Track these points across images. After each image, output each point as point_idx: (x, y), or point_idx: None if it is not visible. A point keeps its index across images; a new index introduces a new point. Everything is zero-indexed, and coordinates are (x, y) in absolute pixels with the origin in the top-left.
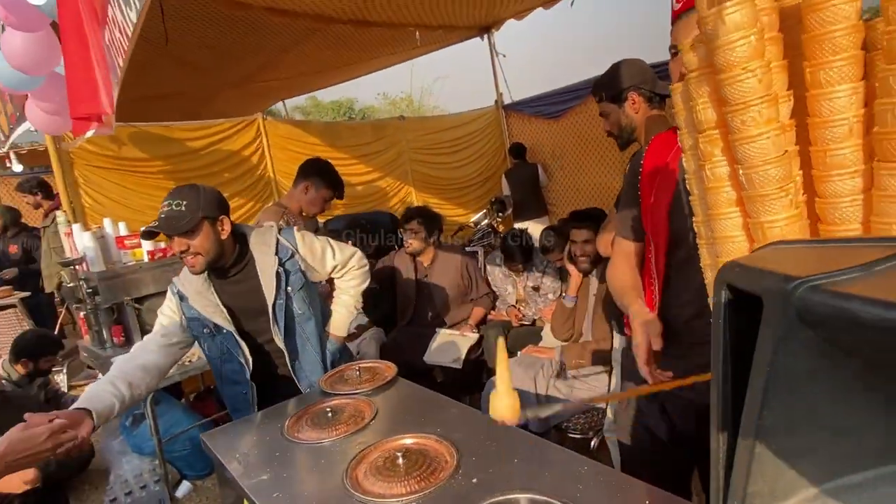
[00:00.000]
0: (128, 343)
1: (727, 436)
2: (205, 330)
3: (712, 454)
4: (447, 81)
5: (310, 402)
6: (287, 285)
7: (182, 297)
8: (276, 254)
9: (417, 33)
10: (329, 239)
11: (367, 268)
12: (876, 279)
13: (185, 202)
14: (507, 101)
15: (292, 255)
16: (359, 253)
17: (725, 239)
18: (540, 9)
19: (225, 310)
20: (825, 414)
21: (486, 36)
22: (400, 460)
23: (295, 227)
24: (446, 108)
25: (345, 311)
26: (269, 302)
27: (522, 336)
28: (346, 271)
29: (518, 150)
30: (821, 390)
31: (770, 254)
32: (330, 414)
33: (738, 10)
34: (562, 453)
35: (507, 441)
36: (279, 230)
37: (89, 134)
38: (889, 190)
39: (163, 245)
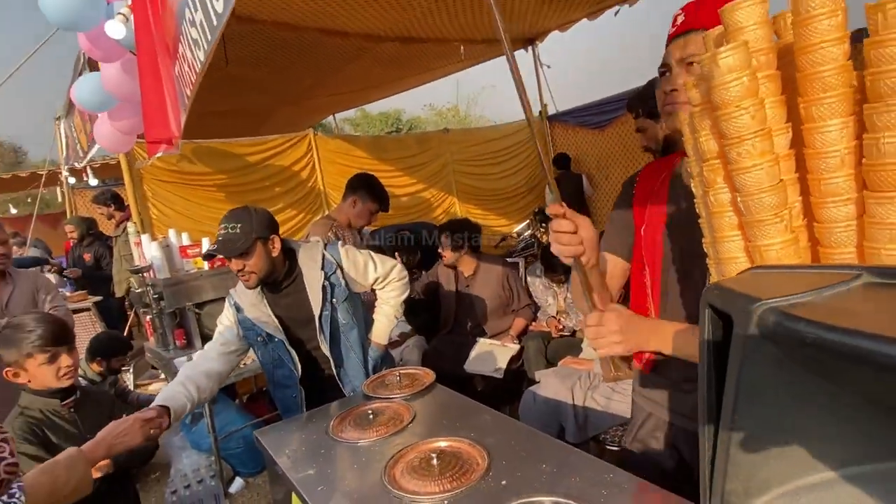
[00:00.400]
0: (189, 346)
1: (711, 440)
2: (258, 338)
3: (700, 457)
4: (494, 91)
5: (353, 404)
6: (332, 297)
7: (238, 309)
8: (322, 268)
9: (462, 48)
10: (371, 252)
11: (407, 280)
12: (823, 302)
13: (239, 225)
14: (551, 111)
15: (336, 269)
16: (399, 265)
17: (729, 260)
18: (585, 20)
19: (276, 320)
20: (790, 420)
21: (529, 48)
22: (434, 461)
23: (339, 243)
24: (492, 118)
25: (385, 320)
26: (316, 313)
27: (562, 347)
28: (387, 283)
29: (562, 161)
30: (784, 398)
31: (748, 277)
32: (371, 416)
33: (731, 55)
34: (589, 461)
35: (537, 448)
36: (325, 245)
37: (158, 154)
38: (877, 217)
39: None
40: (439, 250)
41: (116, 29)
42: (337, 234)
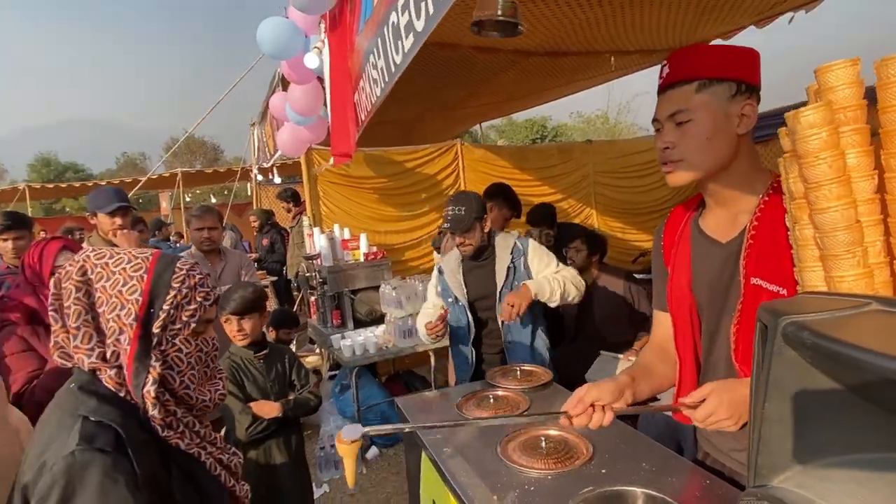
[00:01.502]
0: (343, 325)
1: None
2: (448, 299)
3: (749, 439)
4: (648, 97)
5: (478, 388)
6: (514, 278)
7: (441, 272)
8: (511, 253)
9: (612, 59)
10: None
11: (582, 286)
12: (833, 320)
13: (463, 208)
14: None
15: (521, 257)
16: (575, 271)
17: (812, 288)
18: (752, 27)
19: (464, 287)
20: (806, 410)
21: None
22: (543, 444)
23: (530, 238)
24: (645, 127)
25: (546, 281)
26: (498, 287)
27: None
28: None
29: None
30: (803, 394)
31: (798, 298)
32: (492, 400)
33: (811, 113)
34: (689, 467)
35: (641, 449)
36: (518, 236)
37: (331, 162)
38: None
39: (374, 249)
40: (568, 256)
41: (312, 60)
42: None
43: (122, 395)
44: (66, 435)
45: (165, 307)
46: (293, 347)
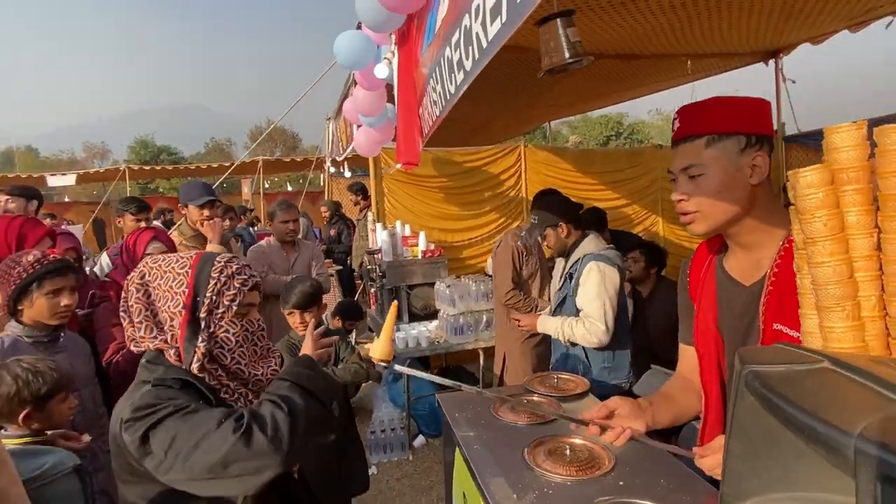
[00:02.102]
0: (399, 318)
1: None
2: None
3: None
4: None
5: (514, 392)
6: (569, 286)
7: None
8: (575, 263)
9: (689, 62)
10: (609, 293)
11: (597, 341)
12: (786, 373)
13: (537, 217)
14: (790, 131)
15: (576, 272)
16: (601, 325)
17: (808, 333)
18: (845, 31)
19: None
20: (760, 450)
21: (771, 61)
22: (567, 451)
23: (596, 262)
24: None
25: (558, 327)
26: (554, 288)
27: None
28: (585, 318)
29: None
30: (759, 435)
31: (770, 348)
32: (526, 404)
33: (810, 174)
34: (706, 487)
35: (663, 466)
36: (600, 251)
37: (398, 166)
38: None
39: (432, 247)
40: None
41: (382, 70)
42: (525, 245)
43: (183, 367)
44: (140, 388)
45: (208, 294)
46: (354, 334)
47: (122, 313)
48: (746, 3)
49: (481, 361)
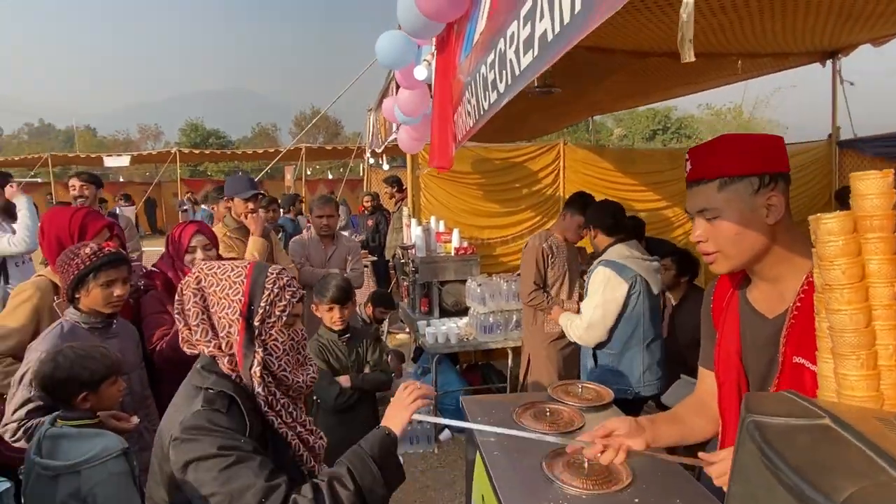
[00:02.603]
0: (429, 313)
1: None
2: None
3: None
4: (793, 92)
5: (538, 399)
6: (586, 288)
7: None
8: (593, 267)
9: (740, 62)
10: (606, 298)
11: (578, 333)
12: (785, 426)
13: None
14: (846, 135)
15: (588, 276)
16: (582, 323)
17: (824, 377)
18: None
19: None
20: (758, 496)
21: (828, 61)
22: (586, 465)
23: (605, 268)
24: (784, 124)
25: (564, 318)
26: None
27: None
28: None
29: (848, 196)
30: (757, 481)
31: (776, 396)
32: (548, 413)
33: (831, 221)
34: None
35: (680, 481)
36: (606, 262)
37: (428, 169)
38: None
39: (466, 244)
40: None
41: (421, 72)
42: (551, 246)
43: (233, 377)
44: (192, 401)
45: (262, 304)
46: (385, 324)
47: (177, 315)
48: (802, 4)
49: (510, 361)
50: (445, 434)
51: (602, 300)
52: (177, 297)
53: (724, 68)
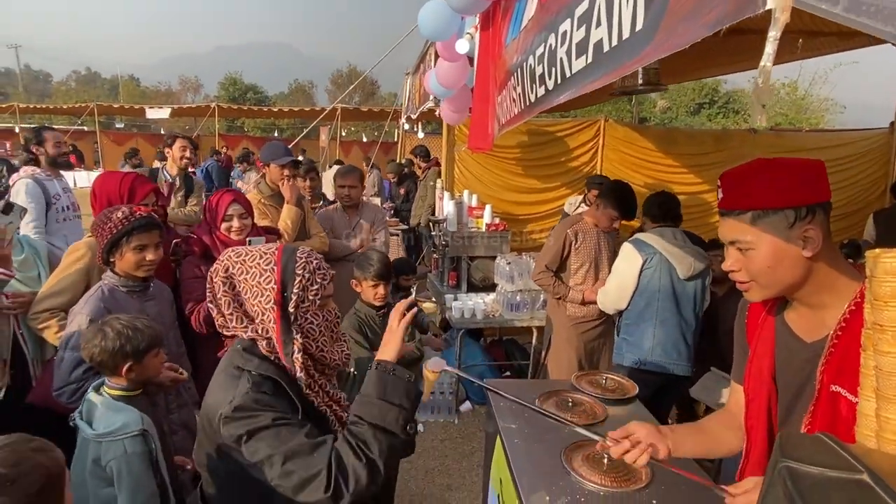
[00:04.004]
0: (457, 287)
1: None
2: None
3: None
4: (852, 69)
5: (562, 387)
6: None
7: None
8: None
9: (800, 41)
10: (621, 268)
11: (600, 298)
12: (818, 480)
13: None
14: None
15: None
16: (604, 288)
17: (865, 416)
18: None
19: None
20: None
21: None
22: (605, 460)
23: (628, 242)
24: (843, 102)
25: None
26: None
27: None
28: None
29: None
30: None
31: (814, 440)
32: (570, 403)
33: (891, 260)
34: None
35: (700, 488)
36: (631, 238)
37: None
38: None
39: (497, 220)
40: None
41: (463, 46)
42: (576, 234)
43: (272, 359)
44: (237, 381)
45: (295, 290)
46: (413, 292)
47: (209, 304)
48: None
49: (534, 340)
50: (466, 405)
51: (617, 270)
52: (207, 286)
53: (782, 47)
